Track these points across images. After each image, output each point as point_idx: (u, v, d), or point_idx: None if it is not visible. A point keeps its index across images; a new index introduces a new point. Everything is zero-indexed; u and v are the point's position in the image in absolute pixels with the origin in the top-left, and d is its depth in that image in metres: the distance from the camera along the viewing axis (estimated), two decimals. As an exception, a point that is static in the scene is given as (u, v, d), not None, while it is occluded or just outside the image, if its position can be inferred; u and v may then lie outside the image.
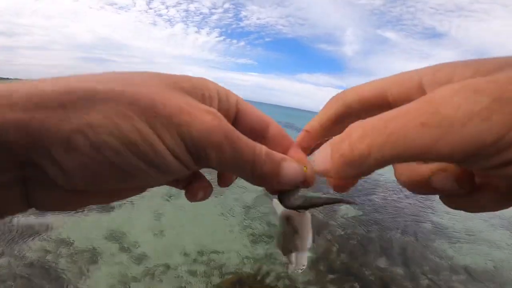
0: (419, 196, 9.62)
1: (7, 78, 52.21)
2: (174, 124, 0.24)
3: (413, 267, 4.96)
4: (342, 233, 5.86)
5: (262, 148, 0.27)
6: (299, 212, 0.34)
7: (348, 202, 0.34)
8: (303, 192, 0.32)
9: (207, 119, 0.25)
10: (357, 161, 0.21)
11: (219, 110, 0.28)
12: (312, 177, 0.31)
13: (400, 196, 9.25)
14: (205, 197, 0.37)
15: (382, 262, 4.95)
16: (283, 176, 0.29)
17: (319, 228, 5.88)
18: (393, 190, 9.84)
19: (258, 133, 0.32)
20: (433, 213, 8.26)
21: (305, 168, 0.29)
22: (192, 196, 0.36)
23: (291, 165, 0.29)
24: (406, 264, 5.02)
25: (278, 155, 0.29)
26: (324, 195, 0.32)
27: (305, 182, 0.31)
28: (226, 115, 0.28)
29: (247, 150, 0.26)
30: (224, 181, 0.39)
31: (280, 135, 0.33)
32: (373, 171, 0.23)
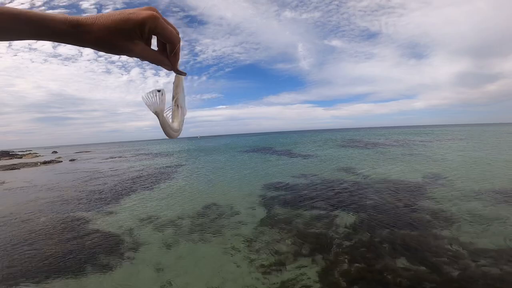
0: (411, 189, 9.93)
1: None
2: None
3: (434, 260, 4.93)
4: (349, 243, 5.81)
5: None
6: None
7: None
8: None
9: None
10: None
11: None
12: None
13: (392, 194, 9.49)
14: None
15: (400, 263, 4.90)
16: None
17: (324, 244, 5.80)
18: (383, 191, 10.09)
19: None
20: (430, 201, 8.50)
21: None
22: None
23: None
24: (425, 259, 4.99)
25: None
26: None
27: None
28: None
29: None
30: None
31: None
32: None
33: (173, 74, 0.67)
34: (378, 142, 36.58)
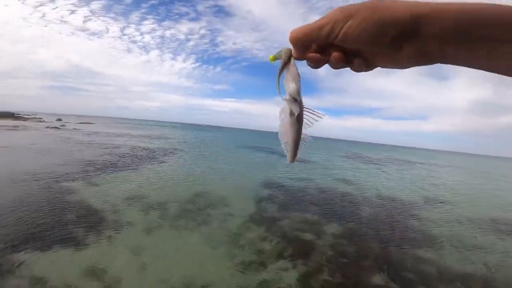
0: (403, 208, 9.83)
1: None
2: None
3: (407, 280, 4.87)
4: (332, 252, 5.69)
5: None
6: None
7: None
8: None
9: None
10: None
11: None
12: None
13: (383, 211, 9.37)
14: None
15: (377, 278, 4.82)
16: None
17: (308, 250, 5.68)
18: (375, 206, 9.96)
19: None
20: (419, 222, 8.46)
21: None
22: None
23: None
24: (401, 277, 4.93)
25: None
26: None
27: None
28: None
29: None
30: None
31: None
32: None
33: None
34: (379, 159, 36.35)
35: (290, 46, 0.44)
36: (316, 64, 0.45)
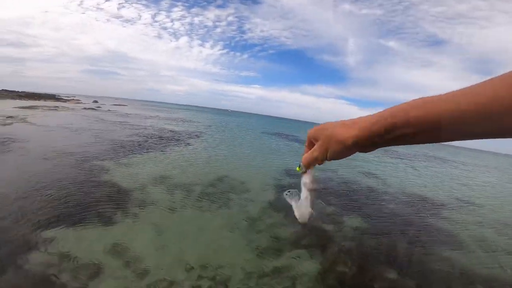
0: (429, 207, 9.44)
1: (15, 91, 52.83)
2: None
3: (424, 278, 4.75)
4: (350, 244, 5.64)
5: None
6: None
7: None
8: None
9: None
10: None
11: None
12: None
13: (408, 207, 9.04)
14: None
15: (392, 274, 4.72)
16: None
17: (325, 241, 5.67)
18: (399, 202, 9.61)
19: None
20: (444, 221, 8.10)
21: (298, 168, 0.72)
22: None
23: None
24: (417, 275, 4.81)
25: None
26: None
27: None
28: None
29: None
30: None
31: None
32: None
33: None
34: (408, 154, 34.62)
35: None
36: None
